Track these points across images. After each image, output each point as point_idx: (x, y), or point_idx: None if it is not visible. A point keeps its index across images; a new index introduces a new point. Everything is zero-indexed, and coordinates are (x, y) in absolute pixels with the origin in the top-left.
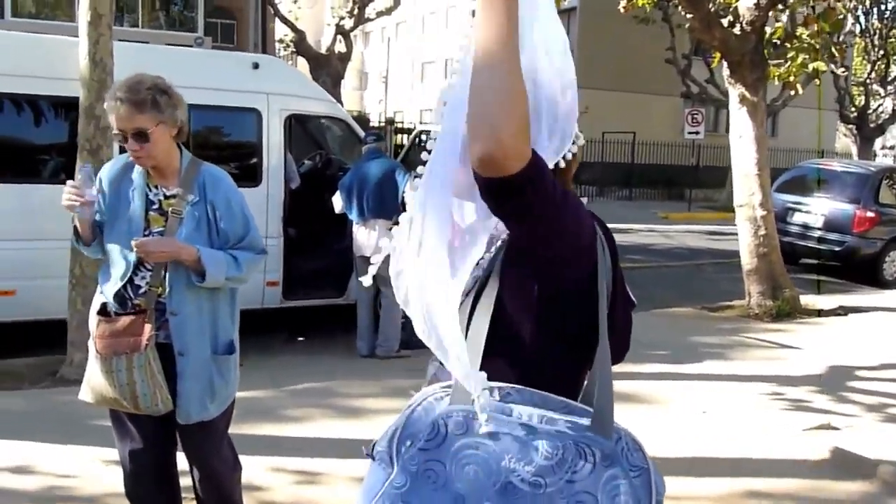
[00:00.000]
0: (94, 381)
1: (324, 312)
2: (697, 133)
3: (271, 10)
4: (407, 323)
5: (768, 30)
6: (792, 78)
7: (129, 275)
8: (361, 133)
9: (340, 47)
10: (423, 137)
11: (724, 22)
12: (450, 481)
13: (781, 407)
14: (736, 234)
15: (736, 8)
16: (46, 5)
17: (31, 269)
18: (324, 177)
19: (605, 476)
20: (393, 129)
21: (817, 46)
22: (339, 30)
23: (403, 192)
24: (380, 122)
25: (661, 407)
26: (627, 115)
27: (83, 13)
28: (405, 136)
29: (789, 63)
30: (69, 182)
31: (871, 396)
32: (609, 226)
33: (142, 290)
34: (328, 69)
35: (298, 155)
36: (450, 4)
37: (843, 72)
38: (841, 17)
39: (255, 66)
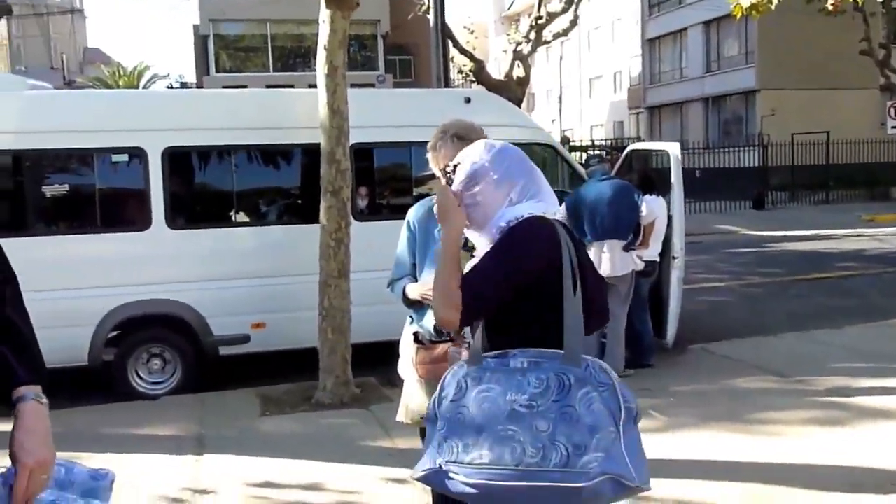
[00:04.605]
0: (415, 404)
1: None
2: None
3: (450, 42)
4: (629, 342)
5: None
6: None
7: None
8: (568, 156)
9: (518, 72)
10: (633, 156)
11: None
12: (473, 418)
13: None
14: None
15: None
16: (240, 59)
17: (279, 303)
18: None
19: (580, 393)
20: (568, 147)
21: None
22: (517, 55)
23: (641, 211)
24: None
25: None
26: (818, 114)
27: (321, 66)
28: (580, 153)
29: None
30: (423, 284)
31: None
32: (808, 232)
33: None
34: (508, 94)
35: None
36: (615, 17)
37: None
38: None
39: (468, 100)
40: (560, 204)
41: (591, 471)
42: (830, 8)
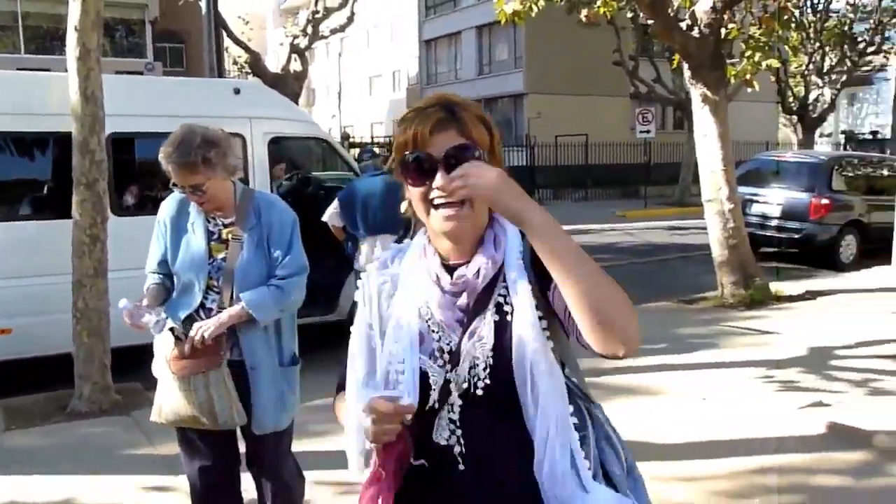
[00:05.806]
0: (168, 402)
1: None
2: (648, 132)
3: (224, 32)
4: None
5: (723, 31)
6: (748, 76)
7: (200, 300)
8: (342, 151)
9: (296, 66)
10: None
11: (683, 26)
12: None
13: (774, 389)
14: (694, 227)
15: (693, 12)
16: None
17: (28, 305)
18: (303, 195)
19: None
20: (348, 143)
21: (770, 45)
22: (294, 49)
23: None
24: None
25: (662, 397)
26: (579, 118)
27: (71, 49)
28: (359, 150)
29: (744, 62)
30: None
31: (854, 373)
32: (569, 227)
33: (213, 313)
34: (285, 89)
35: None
36: (394, 17)
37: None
38: (789, 16)
39: (237, 91)
40: (334, 199)
41: None
42: (584, 20)
